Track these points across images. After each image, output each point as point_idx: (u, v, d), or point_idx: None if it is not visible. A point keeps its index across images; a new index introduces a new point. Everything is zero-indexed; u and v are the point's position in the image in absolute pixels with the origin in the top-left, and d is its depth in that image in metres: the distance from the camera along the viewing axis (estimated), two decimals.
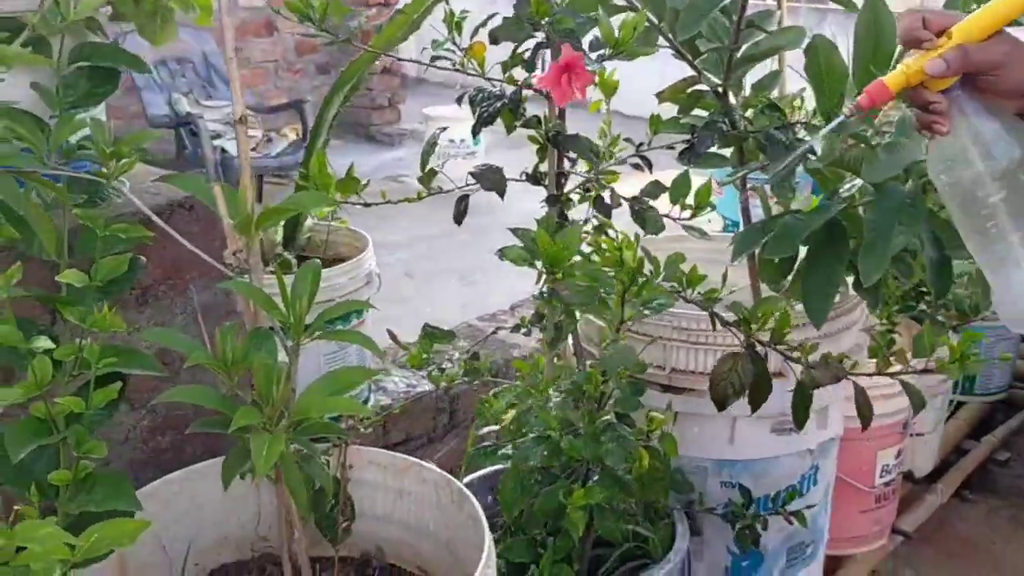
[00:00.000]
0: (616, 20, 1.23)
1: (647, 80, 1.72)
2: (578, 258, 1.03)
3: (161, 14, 1.45)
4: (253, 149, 5.43)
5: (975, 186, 0.89)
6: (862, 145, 1.25)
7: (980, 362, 1.15)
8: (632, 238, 1.12)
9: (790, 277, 1.38)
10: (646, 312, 1.07)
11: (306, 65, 7.14)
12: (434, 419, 1.92)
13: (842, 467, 1.70)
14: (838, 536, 1.78)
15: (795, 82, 1.91)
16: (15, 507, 0.82)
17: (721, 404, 1.20)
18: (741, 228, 2.57)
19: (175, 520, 1.23)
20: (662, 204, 1.31)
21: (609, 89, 1.26)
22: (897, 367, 1.19)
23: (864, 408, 1.19)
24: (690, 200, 1.23)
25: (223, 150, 5.24)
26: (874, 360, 1.29)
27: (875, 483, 1.86)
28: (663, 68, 1.45)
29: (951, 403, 2.26)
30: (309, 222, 1.82)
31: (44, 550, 0.71)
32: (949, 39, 0.86)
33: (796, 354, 1.16)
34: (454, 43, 1.27)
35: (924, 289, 1.86)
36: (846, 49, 1.28)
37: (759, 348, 1.19)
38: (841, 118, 0.98)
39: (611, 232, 1.15)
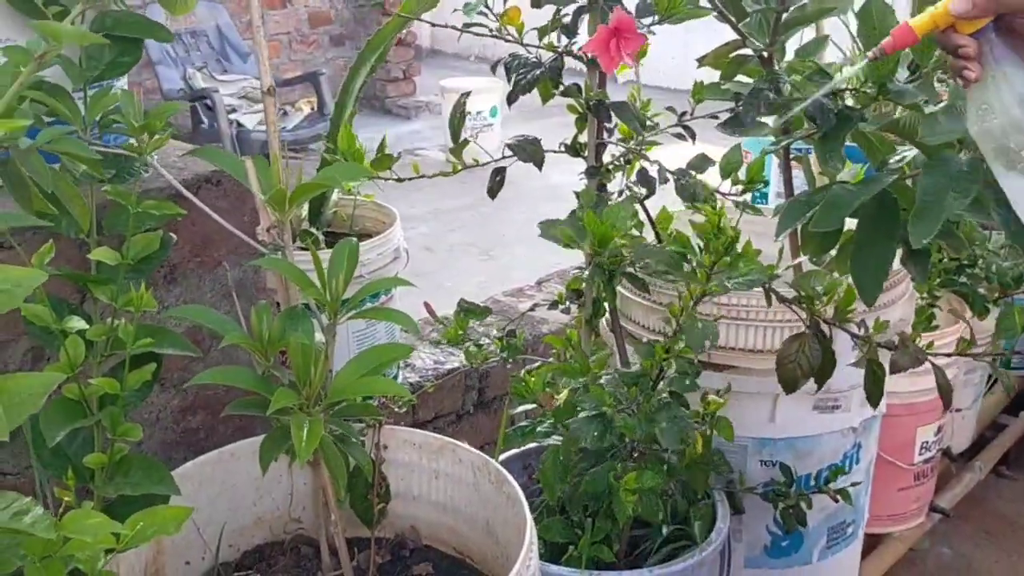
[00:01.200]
0: None
1: (667, 49, 1.64)
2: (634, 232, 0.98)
3: None
4: None
5: (1005, 136, 0.84)
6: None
7: None
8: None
9: (834, 251, 1.34)
10: (729, 286, 1.02)
11: (320, 37, 7.07)
12: (463, 396, 1.90)
13: (882, 444, 1.67)
14: (877, 514, 1.75)
15: (831, 54, 1.85)
16: (65, 498, 0.79)
17: (791, 387, 1.16)
18: (769, 200, 2.51)
19: (209, 501, 1.21)
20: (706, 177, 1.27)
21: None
22: (979, 349, 1.15)
23: (945, 389, 1.16)
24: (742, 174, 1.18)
25: (239, 124, 5.21)
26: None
27: (915, 460, 1.83)
28: (685, 37, 1.40)
29: (989, 377, 2.22)
30: (335, 196, 1.79)
31: (95, 541, 0.68)
32: None
33: (863, 333, 1.12)
34: (487, 6, 1.23)
35: (966, 263, 1.81)
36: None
37: (823, 327, 1.14)
38: (865, 60, 0.94)
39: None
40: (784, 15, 1.17)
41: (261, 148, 4.81)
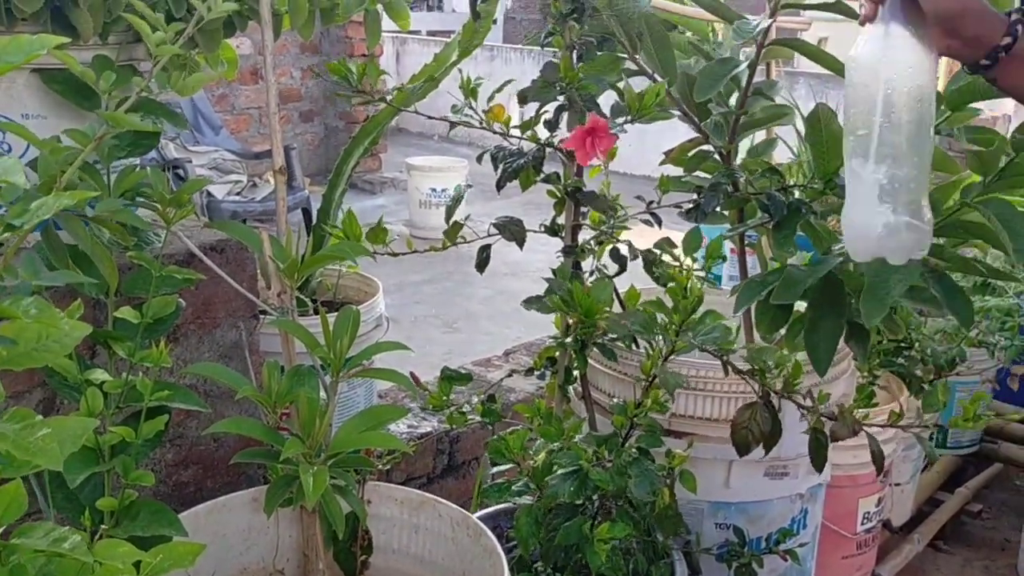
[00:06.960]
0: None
1: (624, 138, 1.78)
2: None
3: (189, 67, 1.55)
4: (238, 194, 5.49)
5: (868, 109, 0.96)
6: None
7: (989, 419, 1.25)
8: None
9: (783, 330, 1.48)
10: (696, 343, 1.15)
11: (290, 112, 7.25)
12: (434, 460, 1.98)
13: (826, 513, 1.78)
14: None
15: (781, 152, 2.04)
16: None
17: (743, 450, 1.28)
18: (723, 282, 2.66)
19: None
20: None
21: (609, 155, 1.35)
22: (907, 421, 1.28)
23: (877, 457, 1.28)
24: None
25: (209, 194, 5.29)
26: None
27: (857, 530, 1.94)
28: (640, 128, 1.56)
29: (926, 455, 2.36)
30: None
31: (124, 568, 0.76)
32: None
33: (809, 403, 1.25)
34: (471, 108, 1.37)
35: (904, 345, 1.97)
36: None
37: (773, 398, 1.27)
38: None
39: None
40: (742, 118, 1.32)
41: (231, 218, 4.90)
